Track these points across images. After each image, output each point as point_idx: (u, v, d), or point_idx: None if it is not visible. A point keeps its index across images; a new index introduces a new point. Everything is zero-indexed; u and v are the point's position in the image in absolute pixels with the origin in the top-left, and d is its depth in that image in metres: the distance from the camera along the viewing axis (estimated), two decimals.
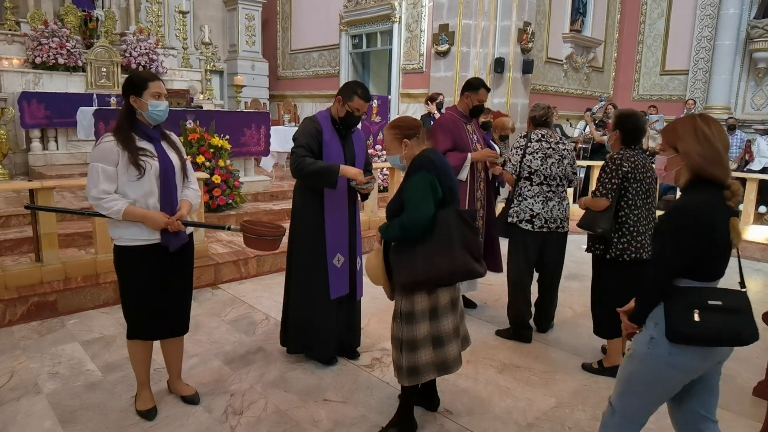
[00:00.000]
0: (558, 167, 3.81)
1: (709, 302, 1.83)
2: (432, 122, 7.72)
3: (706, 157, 1.84)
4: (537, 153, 3.80)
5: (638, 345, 1.98)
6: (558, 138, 3.95)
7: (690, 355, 1.87)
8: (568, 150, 3.91)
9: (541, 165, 3.78)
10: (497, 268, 4.34)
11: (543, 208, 3.79)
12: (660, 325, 1.89)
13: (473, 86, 4.14)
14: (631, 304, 2.06)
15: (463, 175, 4.04)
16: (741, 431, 2.89)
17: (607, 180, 3.24)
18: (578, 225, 3.39)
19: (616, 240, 3.27)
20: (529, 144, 3.84)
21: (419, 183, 2.48)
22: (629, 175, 3.21)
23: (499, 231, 4.10)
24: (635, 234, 3.25)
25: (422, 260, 2.47)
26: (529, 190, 3.82)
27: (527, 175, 3.82)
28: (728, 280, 1.93)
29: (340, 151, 3.22)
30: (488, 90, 4.22)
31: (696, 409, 2.03)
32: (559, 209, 3.82)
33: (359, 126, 3.43)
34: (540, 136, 3.86)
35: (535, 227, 3.79)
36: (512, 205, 3.88)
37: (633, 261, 3.24)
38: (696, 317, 1.81)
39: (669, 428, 2.21)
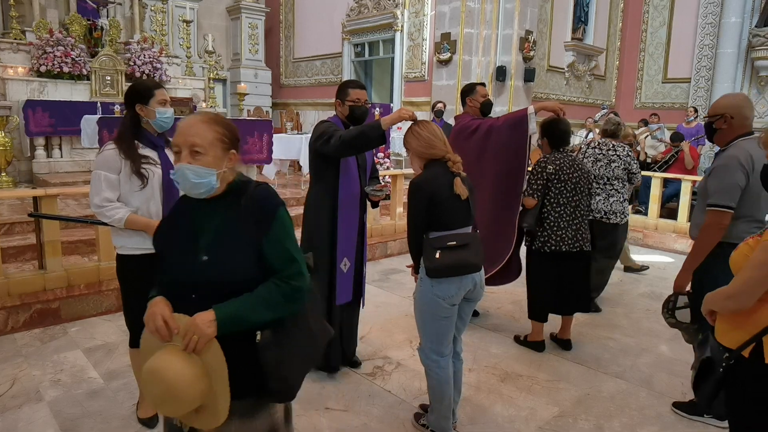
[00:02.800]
0: (605, 169, 4.61)
1: (447, 243, 2.52)
2: None
3: (422, 145, 2.61)
4: (590, 157, 4.68)
5: (416, 289, 2.67)
6: (611, 146, 4.67)
7: (445, 284, 2.54)
8: (618, 155, 4.62)
9: (592, 167, 4.60)
10: (510, 278, 4.29)
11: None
12: (423, 268, 2.58)
13: (469, 90, 4.26)
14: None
15: (533, 126, 3.90)
16: None
17: (533, 181, 3.72)
18: None
19: (539, 234, 3.75)
20: (587, 150, 4.78)
21: (291, 225, 1.65)
22: (552, 176, 3.67)
23: None
24: (555, 229, 3.70)
25: (306, 345, 1.66)
26: None
27: None
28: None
29: (353, 156, 3.23)
30: (483, 85, 4.32)
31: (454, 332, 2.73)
32: (603, 203, 4.61)
33: None
34: (597, 144, 4.76)
35: None
36: None
37: (553, 253, 3.71)
38: (437, 255, 2.49)
39: None
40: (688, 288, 2.95)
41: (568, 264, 3.76)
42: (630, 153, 4.75)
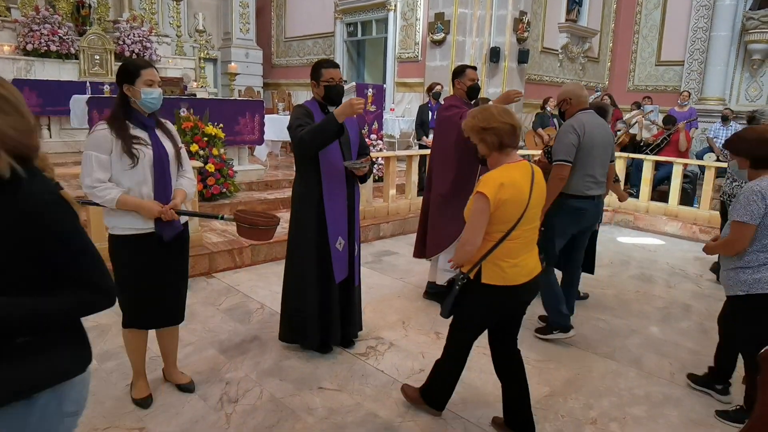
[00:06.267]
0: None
1: None
2: (429, 112, 7.69)
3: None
4: None
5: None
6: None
7: None
8: None
9: None
10: None
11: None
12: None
13: (459, 72, 4.28)
14: None
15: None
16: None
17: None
18: None
19: None
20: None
21: None
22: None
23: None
24: None
25: None
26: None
27: None
28: None
29: None
30: (474, 69, 4.33)
31: None
32: (729, 186, 4.83)
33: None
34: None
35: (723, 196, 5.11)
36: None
37: None
38: None
39: None
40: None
41: None
42: None
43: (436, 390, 2.81)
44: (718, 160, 8.65)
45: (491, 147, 2.39)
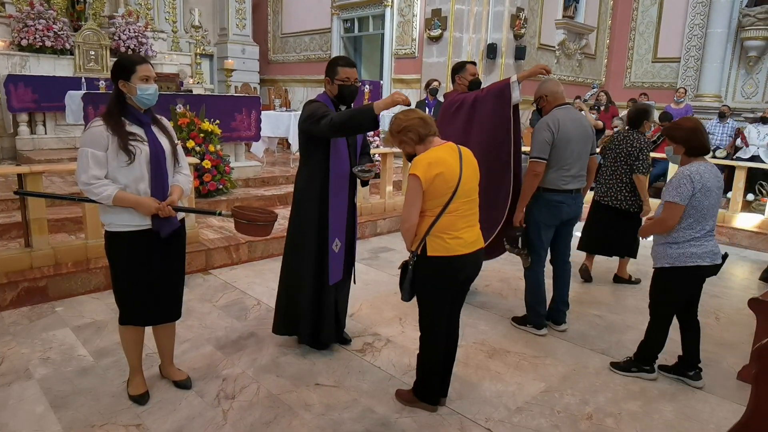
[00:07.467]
0: None
1: None
2: (427, 109, 7.70)
3: None
4: None
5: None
6: None
7: None
8: None
9: None
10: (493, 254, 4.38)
11: None
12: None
13: (459, 68, 4.27)
14: None
15: (516, 95, 3.92)
16: (726, 415, 2.95)
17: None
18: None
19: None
20: None
21: None
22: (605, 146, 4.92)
23: None
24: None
25: None
26: None
27: None
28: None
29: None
30: (474, 64, 4.33)
31: None
32: None
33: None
34: None
35: None
36: None
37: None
38: None
39: None
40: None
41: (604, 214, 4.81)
42: None
43: (425, 384, 2.85)
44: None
45: (413, 143, 2.62)
